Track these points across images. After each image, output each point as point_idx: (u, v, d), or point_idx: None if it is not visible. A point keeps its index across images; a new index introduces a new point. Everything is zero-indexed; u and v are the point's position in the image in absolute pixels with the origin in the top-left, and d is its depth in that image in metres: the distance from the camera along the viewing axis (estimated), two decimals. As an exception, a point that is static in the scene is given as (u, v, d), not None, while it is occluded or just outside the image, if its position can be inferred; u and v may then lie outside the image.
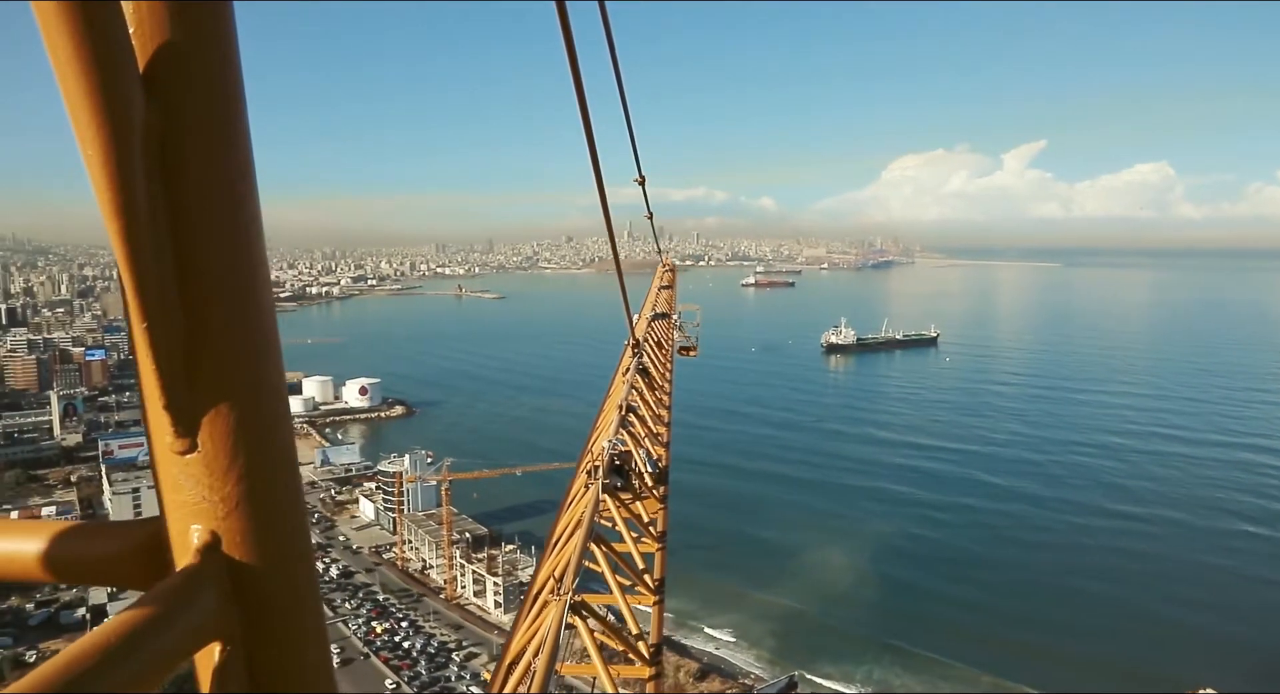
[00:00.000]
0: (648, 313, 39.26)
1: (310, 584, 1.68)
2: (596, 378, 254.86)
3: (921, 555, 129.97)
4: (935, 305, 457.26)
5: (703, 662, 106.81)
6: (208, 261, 1.43)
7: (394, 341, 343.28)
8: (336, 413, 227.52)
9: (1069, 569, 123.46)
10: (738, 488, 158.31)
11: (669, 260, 57.33)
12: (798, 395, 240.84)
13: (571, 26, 8.74)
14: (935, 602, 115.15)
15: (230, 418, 1.51)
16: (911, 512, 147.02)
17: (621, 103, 13.28)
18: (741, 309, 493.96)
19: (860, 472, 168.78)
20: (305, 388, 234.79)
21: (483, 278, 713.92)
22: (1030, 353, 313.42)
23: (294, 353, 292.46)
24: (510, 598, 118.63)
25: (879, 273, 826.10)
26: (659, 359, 30.94)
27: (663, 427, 24.32)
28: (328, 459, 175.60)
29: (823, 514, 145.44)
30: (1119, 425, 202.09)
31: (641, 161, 19.16)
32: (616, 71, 11.87)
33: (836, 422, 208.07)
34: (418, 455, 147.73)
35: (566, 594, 12.56)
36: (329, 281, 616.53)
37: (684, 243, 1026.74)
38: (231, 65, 1.43)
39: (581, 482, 17.86)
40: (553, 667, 11.05)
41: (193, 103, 1.38)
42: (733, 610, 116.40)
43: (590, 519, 14.94)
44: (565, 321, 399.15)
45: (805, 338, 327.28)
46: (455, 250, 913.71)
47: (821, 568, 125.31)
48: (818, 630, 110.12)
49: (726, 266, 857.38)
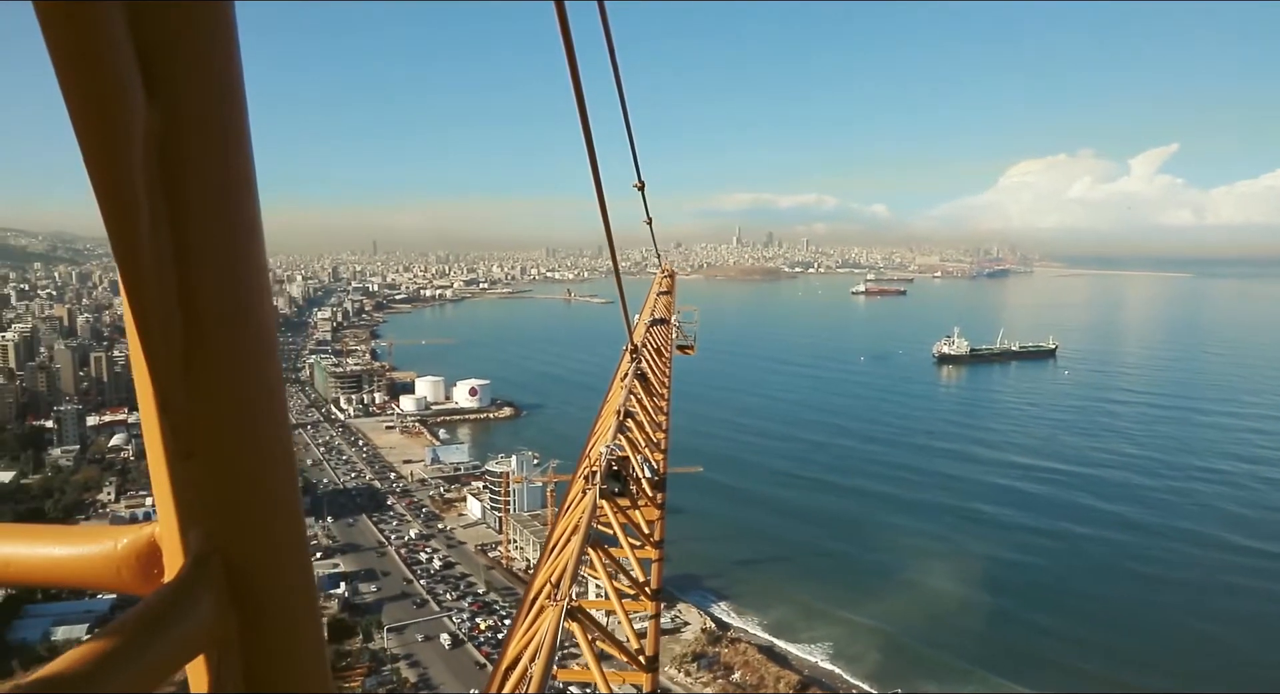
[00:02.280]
0: (646, 318, 39.01)
1: (308, 589, 1.67)
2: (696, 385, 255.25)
3: (1023, 584, 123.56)
4: (1054, 316, 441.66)
5: (803, 674, 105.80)
6: (207, 265, 1.42)
7: (503, 344, 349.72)
8: (447, 412, 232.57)
9: (1186, 609, 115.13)
10: (839, 505, 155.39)
11: (668, 266, 57.49)
12: (905, 408, 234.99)
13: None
14: (1037, 634, 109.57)
15: (229, 422, 1.49)
16: (1014, 537, 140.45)
17: (621, 104, 13.05)
18: (850, 317, 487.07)
19: (964, 491, 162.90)
20: (418, 387, 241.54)
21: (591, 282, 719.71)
22: (1153, 369, 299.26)
23: (408, 353, 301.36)
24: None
25: (994, 282, 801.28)
26: (658, 366, 30.79)
27: (661, 433, 24.26)
28: (437, 457, 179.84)
29: (923, 535, 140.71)
30: (1244, 450, 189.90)
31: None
32: (616, 74, 11.61)
33: (945, 438, 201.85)
34: (524, 457, 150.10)
35: (563, 599, 12.54)
36: (442, 284, 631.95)
37: (792, 250, 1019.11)
38: (233, 67, 1.41)
39: (579, 486, 17.76)
40: (549, 671, 11.06)
41: (194, 105, 1.37)
42: (830, 625, 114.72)
43: (588, 524, 14.85)
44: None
45: (916, 348, 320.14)
46: (565, 255, 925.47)
47: (923, 590, 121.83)
48: (916, 653, 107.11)
49: (836, 274, 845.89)
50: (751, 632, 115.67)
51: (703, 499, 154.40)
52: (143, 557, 1.55)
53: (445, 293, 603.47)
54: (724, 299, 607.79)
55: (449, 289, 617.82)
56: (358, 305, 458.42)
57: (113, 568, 1.55)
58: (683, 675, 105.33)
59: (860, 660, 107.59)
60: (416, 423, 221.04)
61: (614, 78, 11.83)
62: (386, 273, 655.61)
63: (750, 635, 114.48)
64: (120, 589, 1.57)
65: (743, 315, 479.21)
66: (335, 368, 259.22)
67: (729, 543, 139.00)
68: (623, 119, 14.23)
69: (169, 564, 1.53)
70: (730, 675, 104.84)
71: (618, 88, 12.15)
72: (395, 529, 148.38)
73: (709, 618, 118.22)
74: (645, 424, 22.14)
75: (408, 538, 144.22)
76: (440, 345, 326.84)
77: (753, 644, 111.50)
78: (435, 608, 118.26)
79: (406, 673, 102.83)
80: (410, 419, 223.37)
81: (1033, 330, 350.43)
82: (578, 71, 8.81)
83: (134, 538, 1.56)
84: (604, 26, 9.46)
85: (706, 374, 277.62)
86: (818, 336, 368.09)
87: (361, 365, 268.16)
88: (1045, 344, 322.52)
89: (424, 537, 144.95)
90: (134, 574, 1.55)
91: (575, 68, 8.83)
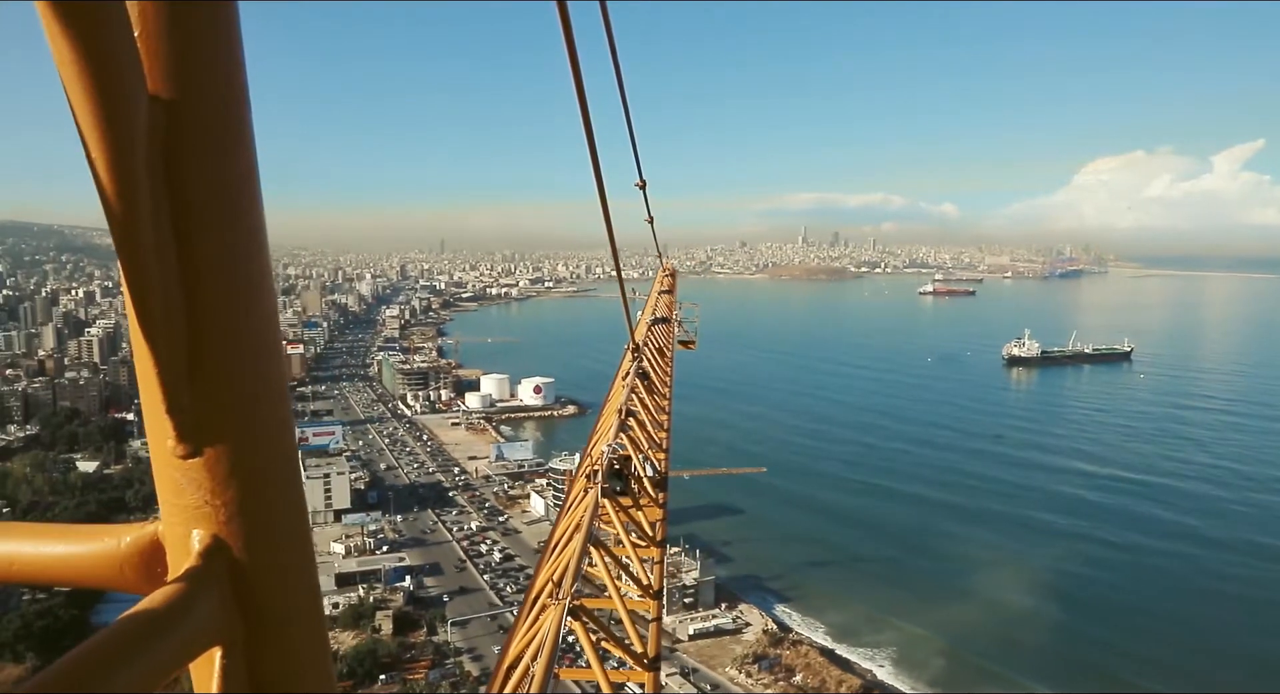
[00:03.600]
0: (647, 317, 38.33)
1: (311, 588, 1.68)
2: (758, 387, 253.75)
3: (1088, 598, 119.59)
4: (1130, 318, 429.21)
5: (866, 679, 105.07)
6: (211, 265, 1.42)
7: (567, 342, 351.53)
8: (511, 410, 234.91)
9: (1263, 630, 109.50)
10: (899, 512, 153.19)
11: (669, 265, 57.32)
12: (972, 412, 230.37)
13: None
14: (1101, 650, 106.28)
15: (232, 422, 1.50)
16: (1080, 548, 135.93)
17: (623, 103, 12.96)
18: (918, 318, 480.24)
19: (1030, 500, 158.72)
20: (483, 385, 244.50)
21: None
22: (1233, 374, 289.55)
23: (473, 351, 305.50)
24: (673, 600, 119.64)
25: (1067, 282, 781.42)
26: (659, 365, 30.57)
27: (663, 432, 24.13)
28: (502, 454, 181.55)
29: (986, 545, 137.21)
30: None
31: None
32: (617, 71, 11.48)
33: (1012, 444, 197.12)
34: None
35: (565, 598, 12.57)
36: (508, 283, 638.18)
37: (859, 249, 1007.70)
38: (237, 67, 1.42)
39: (581, 485, 17.76)
40: (551, 670, 11.09)
41: (197, 105, 1.37)
42: (891, 632, 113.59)
43: (589, 523, 14.84)
44: (733, 328, 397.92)
45: (985, 350, 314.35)
46: (630, 254, 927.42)
47: (984, 602, 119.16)
48: (977, 666, 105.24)
49: (903, 274, 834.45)
50: (812, 635, 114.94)
51: (763, 501, 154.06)
52: (146, 556, 1.56)
53: (511, 291, 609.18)
54: (788, 299, 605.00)
55: (514, 287, 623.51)
56: (425, 303, 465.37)
57: (116, 567, 1.56)
58: (743, 676, 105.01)
59: (921, 669, 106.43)
60: (481, 420, 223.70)
61: (616, 80, 11.70)
62: (454, 271, 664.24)
63: (811, 639, 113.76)
64: (123, 588, 1.57)
65: (807, 316, 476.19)
66: (403, 365, 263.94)
67: (789, 546, 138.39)
68: (625, 125, 14.13)
69: (173, 563, 1.54)
70: (791, 678, 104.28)
71: (619, 88, 12.10)
72: (459, 524, 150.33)
73: (770, 619, 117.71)
74: (647, 423, 22.15)
75: (470, 532, 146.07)
76: (505, 343, 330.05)
77: (814, 647, 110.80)
78: (498, 602, 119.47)
79: (469, 667, 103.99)
80: (475, 416, 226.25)
81: (1107, 332, 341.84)
82: (578, 72, 8.63)
83: (137, 536, 1.57)
84: (606, 28, 9.41)
85: (768, 377, 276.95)
86: (883, 338, 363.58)
87: (428, 362, 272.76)
88: (1120, 347, 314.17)
89: (484, 530, 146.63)
90: (137, 573, 1.56)
91: (575, 66, 8.64)
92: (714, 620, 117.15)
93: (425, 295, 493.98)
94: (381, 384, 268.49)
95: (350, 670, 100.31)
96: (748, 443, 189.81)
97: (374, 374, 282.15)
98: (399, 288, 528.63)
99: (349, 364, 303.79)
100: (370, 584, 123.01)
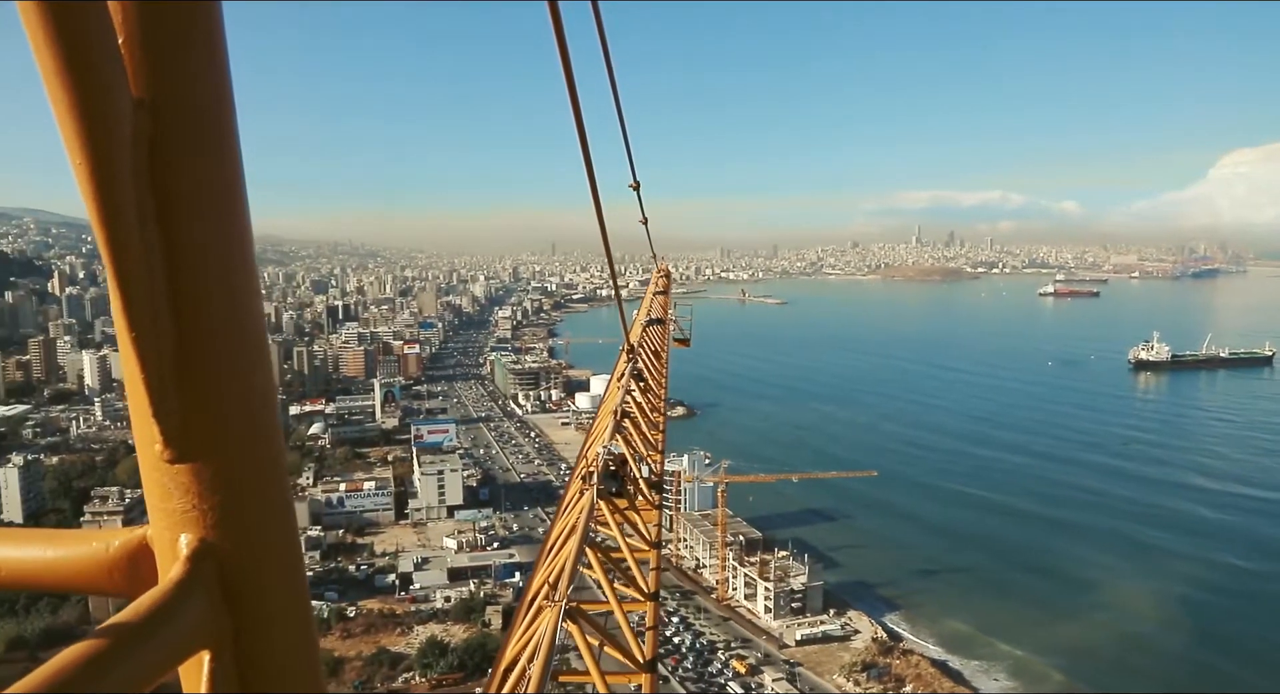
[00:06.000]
0: (642, 318, 38.81)
1: (300, 592, 1.68)
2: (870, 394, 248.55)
3: (1209, 625, 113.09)
4: (1271, 320, 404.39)
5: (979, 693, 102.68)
6: (197, 269, 1.42)
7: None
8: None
9: None
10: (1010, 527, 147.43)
11: (664, 266, 56.88)
12: (1094, 421, 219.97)
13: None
14: (1222, 681, 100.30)
15: (220, 426, 1.49)
16: (1204, 573, 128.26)
17: (616, 106, 12.73)
18: (1038, 320, 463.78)
19: (1152, 517, 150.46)
20: (593, 385, 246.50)
21: (766, 283, 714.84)
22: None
23: (583, 351, 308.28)
24: (781, 604, 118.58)
25: (1201, 282, 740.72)
26: (655, 366, 30.22)
27: (658, 433, 24.05)
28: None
29: (1102, 567, 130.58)
30: None
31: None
32: (608, 71, 11.15)
33: (1136, 457, 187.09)
34: (696, 456, 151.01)
35: (561, 600, 12.56)
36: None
37: (975, 249, 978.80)
38: (221, 70, 1.42)
39: (577, 487, 17.66)
40: (547, 672, 11.07)
41: (181, 108, 1.37)
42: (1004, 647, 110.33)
43: (585, 524, 14.89)
44: (845, 330, 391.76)
45: (1110, 353, 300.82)
46: (739, 255, 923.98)
47: (1098, 624, 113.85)
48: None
49: (1023, 274, 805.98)
50: (924, 645, 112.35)
51: (872, 511, 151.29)
52: (134, 560, 1.55)
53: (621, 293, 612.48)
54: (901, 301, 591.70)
55: (625, 289, 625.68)
56: (536, 304, 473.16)
57: (104, 571, 1.55)
58: (850, 684, 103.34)
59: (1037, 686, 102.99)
60: (591, 419, 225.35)
61: (610, 84, 11.61)
62: (564, 273, 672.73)
63: (923, 649, 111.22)
64: (112, 593, 1.57)
65: (921, 318, 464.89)
66: (514, 365, 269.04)
67: (898, 554, 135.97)
68: (632, 132, 14.47)
69: (161, 567, 1.53)
70: (901, 688, 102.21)
71: (613, 90, 11.99)
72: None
73: (880, 628, 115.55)
74: (642, 424, 22.15)
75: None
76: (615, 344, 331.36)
77: (925, 658, 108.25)
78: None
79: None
80: (585, 416, 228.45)
81: (1245, 335, 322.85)
82: (569, 74, 8.39)
83: (125, 540, 1.56)
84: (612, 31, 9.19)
85: (880, 382, 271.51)
86: (1001, 341, 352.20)
87: (539, 362, 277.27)
88: (1261, 351, 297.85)
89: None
90: (125, 577, 1.55)
91: (564, 67, 8.29)
92: (822, 626, 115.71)
93: (537, 296, 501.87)
94: (494, 383, 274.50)
95: (460, 663, 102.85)
96: (852, 453, 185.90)
97: (486, 373, 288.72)
98: (511, 289, 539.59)
99: (463, 363, 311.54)
100: (481, 579, 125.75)
